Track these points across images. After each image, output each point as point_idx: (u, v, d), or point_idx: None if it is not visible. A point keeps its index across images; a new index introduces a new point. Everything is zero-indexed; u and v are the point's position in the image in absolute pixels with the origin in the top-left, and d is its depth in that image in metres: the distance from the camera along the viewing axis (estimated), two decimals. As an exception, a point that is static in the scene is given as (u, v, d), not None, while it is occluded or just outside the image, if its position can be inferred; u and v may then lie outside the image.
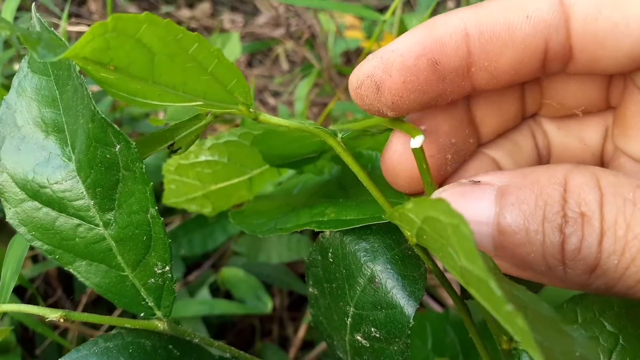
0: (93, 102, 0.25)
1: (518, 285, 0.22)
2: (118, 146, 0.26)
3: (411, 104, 0.26)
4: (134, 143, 0.26)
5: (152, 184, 0.26)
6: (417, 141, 0.26)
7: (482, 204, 0.24)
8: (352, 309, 0.28)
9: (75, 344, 0.67)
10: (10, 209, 0.27)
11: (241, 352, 0.31)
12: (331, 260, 0.30)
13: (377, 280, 0.27)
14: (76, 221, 0.27)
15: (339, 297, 0.29)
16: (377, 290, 0.27)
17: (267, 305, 0.67)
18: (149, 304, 0.28)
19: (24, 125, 0.28)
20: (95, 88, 0.71)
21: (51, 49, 0.20)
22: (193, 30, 0.91)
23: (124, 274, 0.27)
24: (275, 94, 1.01)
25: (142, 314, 0.28)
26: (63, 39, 0.26)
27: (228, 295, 0.71)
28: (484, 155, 0.30)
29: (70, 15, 0.99)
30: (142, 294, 0.28)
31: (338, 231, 0.30)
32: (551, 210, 0.22)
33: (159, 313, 0.28)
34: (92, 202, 0.27)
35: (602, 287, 0.23)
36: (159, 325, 0.28)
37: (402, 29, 0.70)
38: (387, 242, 0.29)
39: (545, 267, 0.23)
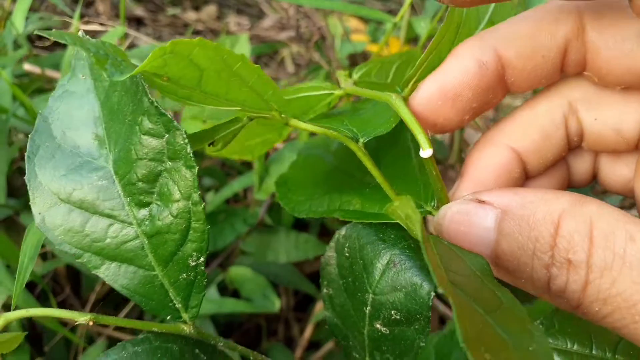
0: (148, 95, 0.26)
1: (502, 287, 0.24)
2: (167, 135, 0.26)
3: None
4: (184, 131, 0.26)
5: (197, 167, 0.27)
6: (426, 153, 0.27)
7: (483, 228, 0.25)
8: (371, 296, 0.29)
9: (84, 341, 0.68)
10: (40, 214, 0.27)
11: (264, 356, 0.31)
12: (347, 255, 0.31)
13: (395, 262, 0.28)
14: (108, 221, 0.27)
15: (357, 290, 0.30)
16: (396, 272, 0.28)
17: (275, 304, 0.67)
18: (176, 305, 0.28)
19: (59, 132, 0.28)
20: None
21: (117, 66, 0.23)
22: (199, 32, 0.92)
23: (154, 273, 0.27)
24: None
25: (168, 317, 0.28)
26: (124, 51, 0.27)
27: (235, 295, 0.72)
28: (504, 146, 0.30)
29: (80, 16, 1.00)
30: (170, 294, 0.28)
31: (355, 226, 0.31)
32: (541, 249, 0.23)
33: (185, 316, 0.28)
34: (127, 200, 0.27)
35: (585, 317, 0.24)
36: (185, 329, 0.28)
37: (411, 32, 0.71)
38: (401, 235, 0.30)
39: (534, 292, 0.24)
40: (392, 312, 0.28)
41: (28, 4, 0.69)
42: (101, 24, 0.75)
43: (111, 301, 0.81)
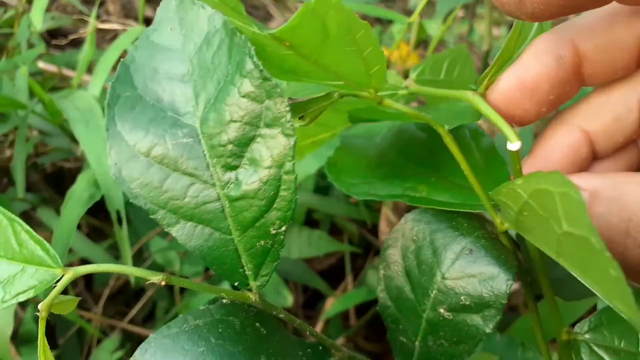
0: (254, 58, 0.25)
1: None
2: (267, 101, 0.25)
3: (551, 12, 0.27)
4: (287, 99, 0.26)
5: (296, 137, 0.26)
6: (514, 146, 0.28)
7: None
8: (440, 280, 0.29)
9: (98, 332, 0.68)
10: (116, 164, 0.26)
11: (322, 334, 0.32)
12: (415, 239, 0.32)
13: (471, 250, 0.29)
14: (189, 181, 0.26)
15: (422, 273, 0.31)
16: (472, 260, 0.29)
17: (287, 299, 0.68)
18: (246, 272, 0.27)
19: (141, 84, 0.27)
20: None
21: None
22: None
23: (229, 237, 0.27)
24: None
25: (236, 283, 0.27)
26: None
27: (247, 291, 0.73)
28: (574, 127, 0.31)
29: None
30: (242, 260, 0.27)
31: (425, 212, 0.32)
32: (635, 228, 0.23)
33: (253, 284, 0.27)
34: (212, 161, 0.26)
35: None
36: (251, 297, 0.27)
37: (422, 33, 0.72)
38: (474, 224, 0.31)
39: (625, 273, 0.25)
40: (462, 298, 0.29)
41: (45, 2, 0.70)
42: (119, 23, 0.76)
43: (122, 297, 0.82)
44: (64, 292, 0.25)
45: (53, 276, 0.25)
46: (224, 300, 0.27)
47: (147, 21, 1.30)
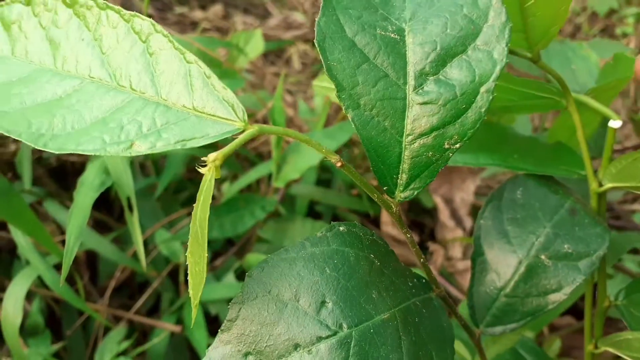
0: None
1: None
2: (486, 25, 0.27)
3: None
4: (510, 26, 0.27)
5: (505, 62, 0.26)
6: (616, 123, 0.32)
7: None
8: (546, 229, 0.33)
9: (106, 321, 0.69)
10: (322, 32, 0.26)
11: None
12: (519, 196, 0.35)
13: (575, 210, 0.33)
14: (382, 73, 0.26)
15: (525, 226, 0.33)
16: (579, 219, 0.32)
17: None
18: (399, 180, 0.27)
19: None
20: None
21: None
22: (206, 30, 0.93)
23: (400, 139, 0.26)
24: (290, 93, 1.04)
25: (385, 188, 0.27)
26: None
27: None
28: None
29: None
30: (401, 166, 0.26)
31: (523, 178, 0.36)
32: None
33: (399, 194, 0.27)
34: (411, 62, 0.26)
35: None
36: (392, 206, 0.27)
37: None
38: (567, 190, 0.35)
39: None
40: (565, 246, 0.32)
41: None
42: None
43: (127, 289, 0.83)
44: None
45: (234, 129, 0.24)
46: (341, 229, 0.26)
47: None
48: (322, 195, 0.75)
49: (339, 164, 0.25)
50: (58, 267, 0.69)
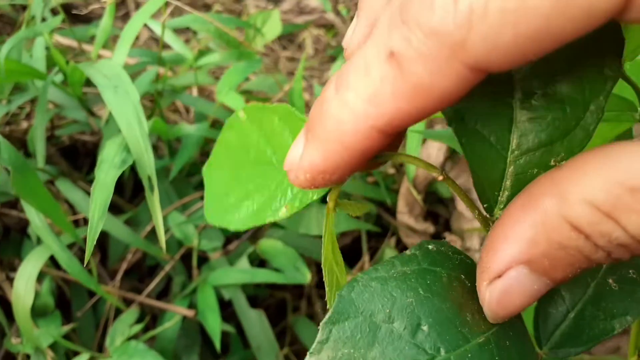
0: None
1: None
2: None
3: None
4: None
5: (616, 80, 0.24)
6: None
7: None
8: None
9: (118, 303, 0.68)
10: None
11: None
12: None
13: None
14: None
15: None
16: None
17: (306, 276, 0.68)
18: (500, 197, 0.25)
19: None
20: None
21: None
22: (218, 13, 0.91)
23: (505, 154, 0.25)
24: (303, 78, 1.02)
25: (484, 205, 0.26)
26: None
27: (263, 267, 0.72)
28: None
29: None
30: (504, 183, 0.25)
31: None
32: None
33: (498, 212, 0.26)
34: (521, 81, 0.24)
35: None
36: (490, 224, 0.26)
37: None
38: None
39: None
40: (630, 272, 0.29)
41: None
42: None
43: (137, 273, 0.82)
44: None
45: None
46: (430, 247, 0.25)
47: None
48: (338, 181, 0.74)
49: (440, 178, 0.24)
50: (71, 247, 0.68)
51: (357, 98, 0.21)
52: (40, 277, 0.71)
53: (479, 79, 0.20)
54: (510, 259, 0.22)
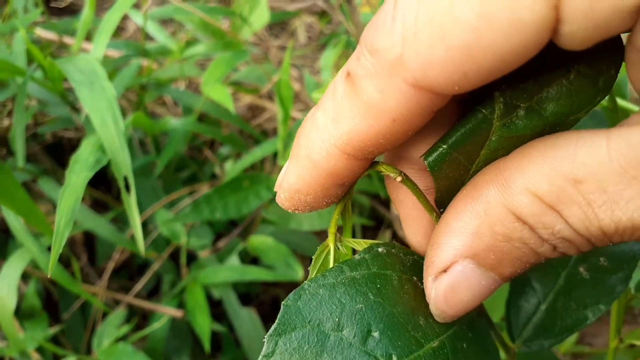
0: None
1: None
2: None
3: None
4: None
5: (604, 96, 0.21)
6: None
7: None
8: None
9: (103, 306, 0.67)
10: None
11: None
12: None
13: None
14: None
15: None
16: None
17: (298, 272, 0.66)
18: None
19: None
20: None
21: None
22: (207, 1, 0.88)
23: (469, 168, 0.24)
24: (295, 67, 1.00)
25: (440, 210, 0.26)
26: None
27: (255, 264, 0.71)
28: None
29: None
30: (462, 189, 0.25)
31: None
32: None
33: None
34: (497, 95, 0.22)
35: None
36: None
37: None
38: None
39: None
40: (601, 259, 0.29)
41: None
42: None
43: (125, 271, 0.80)
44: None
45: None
46: (380, 250, 0.24)
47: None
48: (330, 174, 0.72)
49: (399, 179, 0.23)
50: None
51: (323, 116, 0.21)
52: (27, 278, 0.70)
53: (433, 102, 0.19)
54: (455, 252, 0.21)
